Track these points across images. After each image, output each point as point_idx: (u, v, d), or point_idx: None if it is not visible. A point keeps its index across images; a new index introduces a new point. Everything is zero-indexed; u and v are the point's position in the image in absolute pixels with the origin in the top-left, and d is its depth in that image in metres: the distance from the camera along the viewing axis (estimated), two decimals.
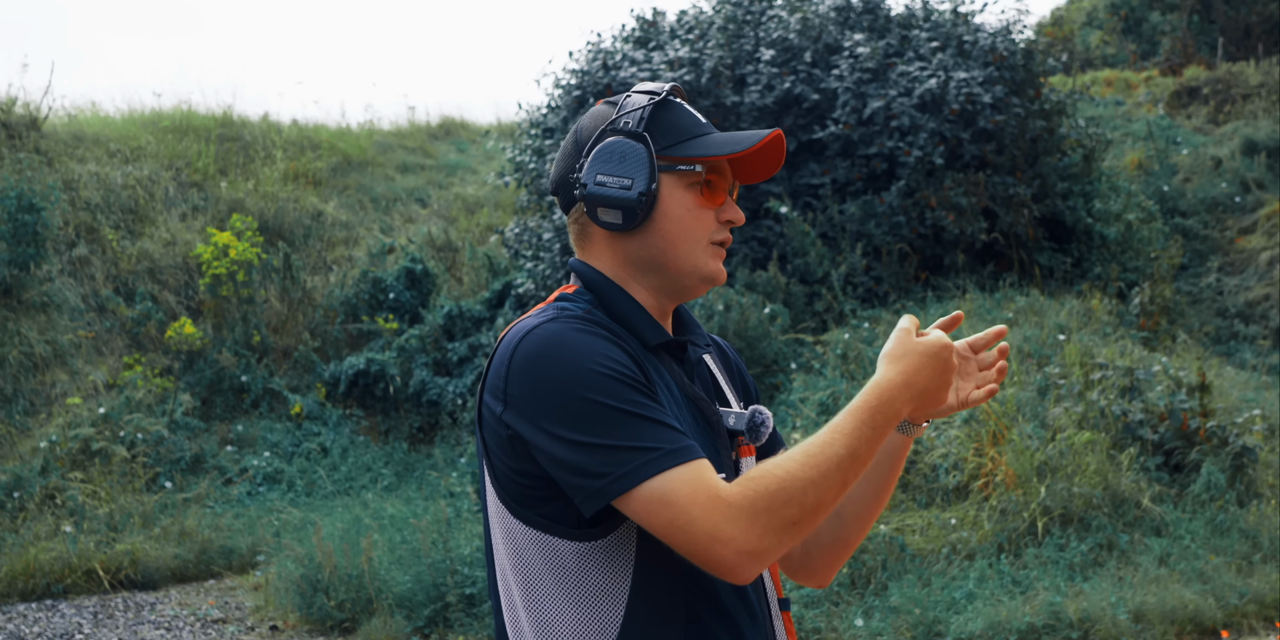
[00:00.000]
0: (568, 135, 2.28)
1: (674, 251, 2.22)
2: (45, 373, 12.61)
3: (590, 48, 13.92)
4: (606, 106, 2.28)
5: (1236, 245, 14.22)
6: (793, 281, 11.83)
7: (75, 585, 9.71)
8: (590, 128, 2.25)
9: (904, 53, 13.01)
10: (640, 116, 2.21)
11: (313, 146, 17.47)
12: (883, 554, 7.65)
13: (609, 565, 2.08)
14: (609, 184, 2.18)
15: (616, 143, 2.20)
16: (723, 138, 2.24)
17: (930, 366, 2.20)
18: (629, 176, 2.17)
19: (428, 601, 8.20)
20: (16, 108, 15.52)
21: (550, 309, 2.17)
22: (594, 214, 2.21)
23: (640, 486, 1.97)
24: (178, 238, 14.63)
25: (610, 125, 2.22)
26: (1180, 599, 7.06)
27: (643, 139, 2.19)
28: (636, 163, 2.18)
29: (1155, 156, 16.08)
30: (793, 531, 2.00)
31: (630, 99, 2.25)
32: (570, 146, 2.27)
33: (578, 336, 2.07)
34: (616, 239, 2.25)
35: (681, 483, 1.97)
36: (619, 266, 2.26)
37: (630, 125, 2.21)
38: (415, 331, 13.18)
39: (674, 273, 2.24)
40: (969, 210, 12.08)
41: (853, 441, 2.06)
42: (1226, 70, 18.85)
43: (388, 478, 11.64)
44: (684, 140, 2.23)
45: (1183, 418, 8.41)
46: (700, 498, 1.96)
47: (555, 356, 2.05)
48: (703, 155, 2.20)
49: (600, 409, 2.00)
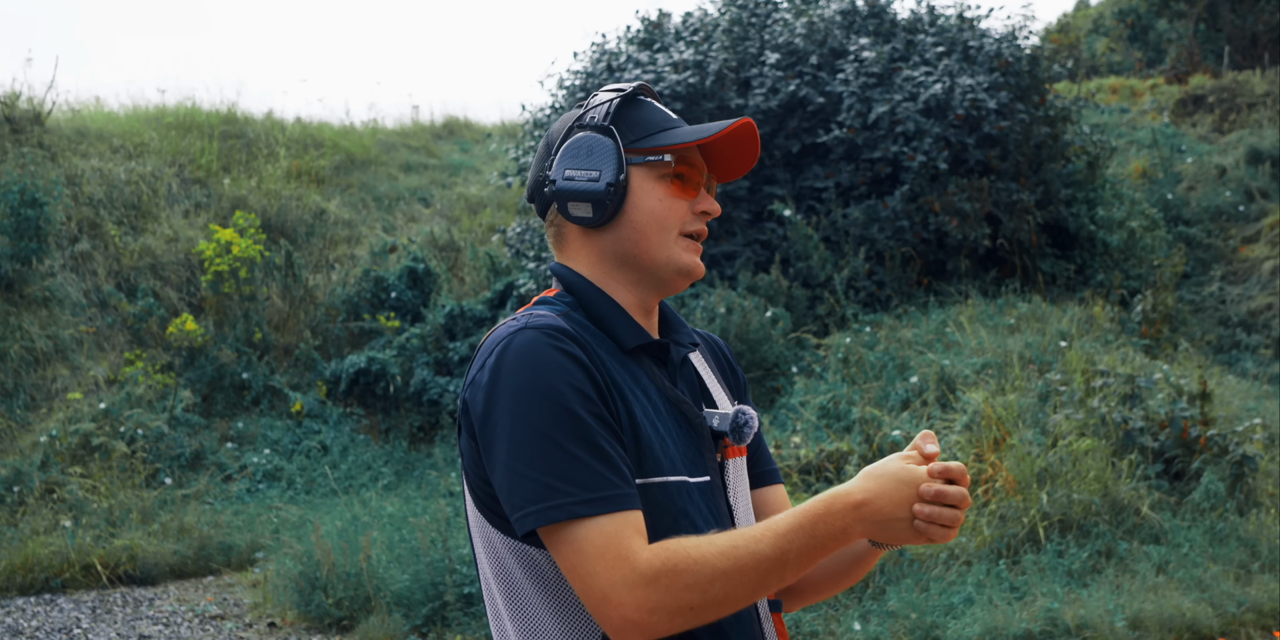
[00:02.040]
0: (540, 143, 2.29)
1: (646, 243, 2.21)
2: (46, 368, 12.61)
3: (595, 49, 13.93)
4: (575, 109, 2.29)
5: (1240, 254, 14.21)
6: (795, 285, 11.84)
7: (74, 580, 9.71)
8: (558, 129, 2.26)
9: (909, 57, 13.02)
10: (606, 111, 2.22)
11: (316, 144, 17.48)
12: (881, 558, 7.65)
13: None
14: (577, 178, 2.18)
15: (583, 138, 2.20)
16: (690, 128, 2.24)
17: (896, 493, 2.03)
18: (596, 168, 2.17)
19: (426, 600, 8.20)
20: (20, 102, 15.52)
21: (524, 315, 2.16)
22: (565, 210, 2.21)
23: (555, 525, 1.98)
24: (180, 234, 14.63)
25: (577, 122, 2.23)
26: (1178, 607, 7.06)
27: (609, 132, 2.20)
28: (603, 155, 2.18)
29: (1159, 164, 16.07)
30: (688, 616, 1.96)
31: (596, 97, 2.26)
32: (541, 150, 2.28)
33: (542, 354, 2.05)
34: (590, 235, 2.24)
35: (597, 533, 1.96)
36: (595, 264, 2.25)
37: (596, 120, 2.21)
38: (416, 331, 13.18)
39: (649, 265, 2.23)
40: (972, 216, 12.08)
41: (783, 544, 1.99)
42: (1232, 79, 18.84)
43: (387, 476, 11.64)
44: (652, 133, 2.23)
45: (1183, 426, 8.41)
46: (608, 554, 1.95)
47: (514, 377, 2.03)
48: (670, 144, 2.20)
49: (541, 441, 1.99)
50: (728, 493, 2.25)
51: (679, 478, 2.13)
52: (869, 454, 8.66)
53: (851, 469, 8.57)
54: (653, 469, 2.09)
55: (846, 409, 9.74)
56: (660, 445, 2.11)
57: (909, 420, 9.39)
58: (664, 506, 2.09)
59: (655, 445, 2.10)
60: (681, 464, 2.14)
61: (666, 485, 2.10)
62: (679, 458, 2.14)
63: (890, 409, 9.74)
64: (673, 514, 2.10)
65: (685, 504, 2.12)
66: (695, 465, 2.17)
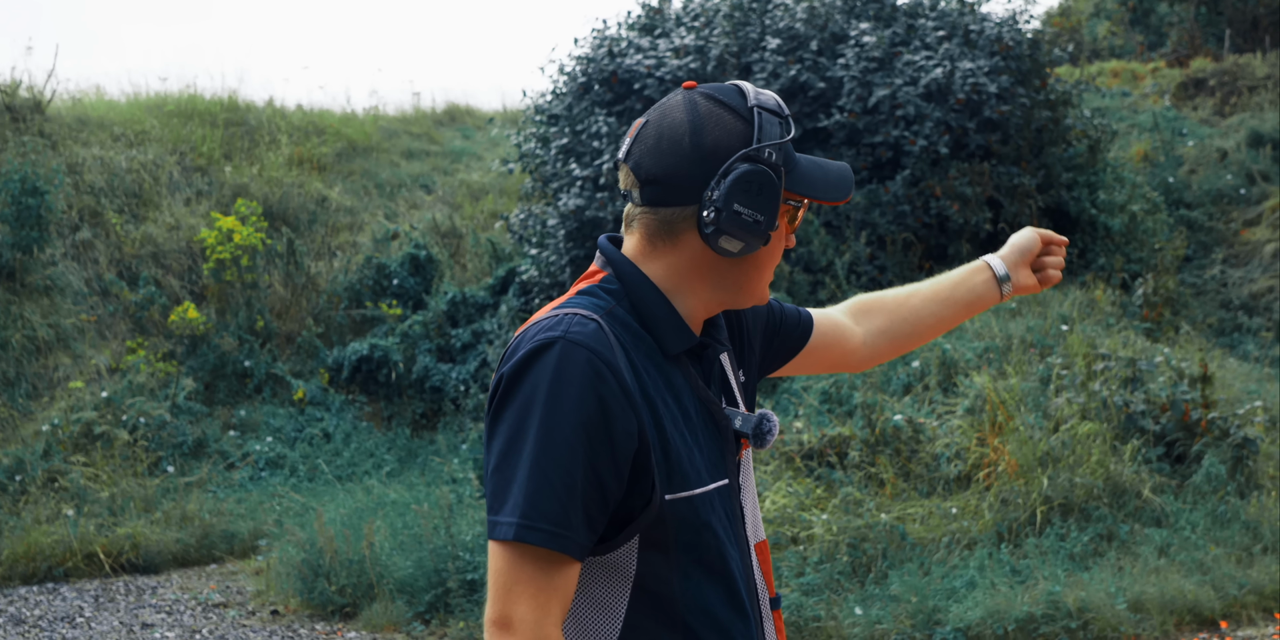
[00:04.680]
0: (674, 128, 2.15)
1: (758, 276, 2.21)
2: (48, 356, 12.62)
3: (596, 35, 13.89)
4: (732, 118, 2.16)
5: (1241, 237, 14.19)
6: (796, 270, 11.82)
7: (76, 569, 9.73)
8: (725, 144, 2.13)
9: (910, 42, 12.99)
10: (781, 150, 2.14)
11: (318, 132, 17.46)
12: (883, 542, 7.65)
13: (608, 581, 2.10)
14: (744, 215, 2.09)
15: (757, 173, 2.10)
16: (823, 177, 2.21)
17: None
18: (762, 212, 2.10)
19: (429, 587, 8.21)
20: (21, 91, 15.51)
21: (566, 315, 2.11)
22: (712, 239, 2.13)
23: (511, 548, 2.01)
24: (182, 222, 14.62)
25: (755, 153, 2.12)
26: (1179, 590, 7.06)
27: (780, 173, 2.14)
28: (770, 198, 2.11)
29: (1161, 148, 16.05)
30: None
31: (766, 120, 2.15)
32: (689, 150, 2.13)
33: (571, 381, 2.03)
34: (712, 260, 2.18)
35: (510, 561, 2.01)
36: (684, 275, 2.19)
37: (774, 158, 2.13)
38: (419, 318, 13.18)
39: (744, 295, 2.23)
40: (973, 200, 12.06)
41: None
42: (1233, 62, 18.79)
43: (390, 463, 11.65)
44: (792, 170, 2.18)
45: (1184, 409, 8.41)
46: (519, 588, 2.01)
47: (533, 393, 2.03)
48: (813, 197, 2.19)
49: (532, 460, 2.00)
50: (742, 494, 2.27)
51: (704, 489, 2.14)
52: (871, 439, 8.66)
53: (854, 454, 8.57)
54: (680, 484, 2.10)
55: (848, 393, 9.74)
56: (689, 457, 2.12)
57: (911, 404, 9.40)
58: (690, 521, 2.11)
59: (684, 459, 2.11)
60: (706, 471, 2.15)
61: (692, 499, 2.11)
62: (703, 465, 2.15)
63: (892, 393, 9.74)
64: (697, 527, 2.11)
65: (709, 516, 2.14)
66: (717, 468, 2.18)
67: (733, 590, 2.16)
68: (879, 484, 8.40)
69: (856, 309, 2.72)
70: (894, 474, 8.40)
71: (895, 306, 2.70)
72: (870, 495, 8.25)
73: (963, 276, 2.71)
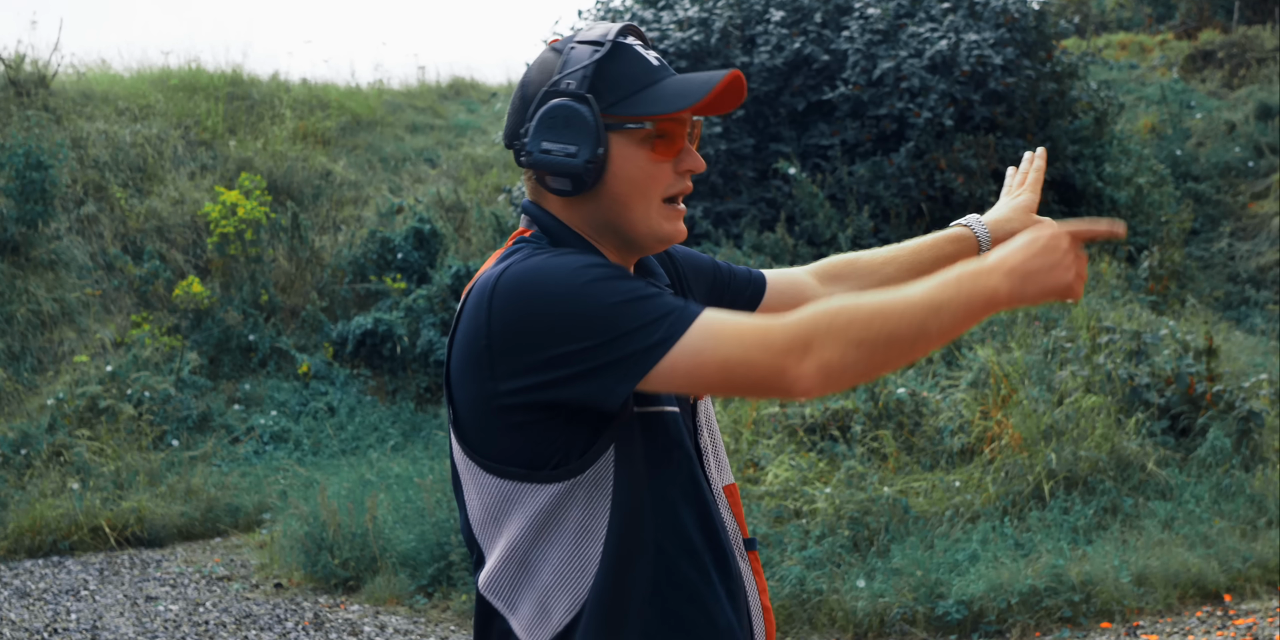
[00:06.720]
0: (516, 87, 2.15)
1: (628, 213, 2.12)
2: (53, 331, 12.62)
3: (599, 7, 13.85)
4: (552, 55, 2.14)
5: (1249, 210, 14.15)
6: (800, 243, 11.80)
7: (81, 542, 9.75)
8: (536, 82, 2.12)
9: (915, 13, 12.93)
10: (583, 75, 2.07)
11: (322, 106, 17.42)
12: (886, 516, 7.65)
13: (589, 503, 2.03)
14: (554, 151, 2.05)
15: (559, 107, 2.06)
16: (674, 88, 2.10)
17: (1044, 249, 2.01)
18: (574, 143, 2.05)
19: (431, 560, 8.22)
20: (25, 65, 15.47)
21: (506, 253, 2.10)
22: (543, 182, 2.12)
23: (680, 342, 1.91)
24: (186, 196, 14.60)
25: (552, 86, 2.09)
26: (1183, 563, 7.05)
27: (586, 101, 2.06)
28: (581, 128, 2.05)
29: (1168, 120, 15.99)
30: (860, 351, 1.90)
31: (574, 52, 2.10)
32: (518, 101, 2.15)
33: (551, 261, 1.99)
34: (570, 201, 2.15)
35: (719, 322, 1.93)
36: (576, 225, 2.16)
37: (573, 86, 2.06)
38: (423, 292, 13.16)
39: (629, 234, 2.14)
40: (978, 172, 12.03)
41: (931, 292, 1.93)
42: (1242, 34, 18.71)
43: (394, 437, 11.65)
44: (632, 93, 2.09)
45: (1189, 382, 8.38)
46: (744, 328, 1.92)
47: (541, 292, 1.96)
48: (651, 113, 2.08)
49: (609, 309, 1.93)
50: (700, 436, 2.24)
51: (670, 408, 2.11)
52: (874, 412, 8.65)
53: (857, 427, 8.56)
54: (652, 399, 2.07)
55: None
56: None
57: (914, 377, 9.38)
58: (661, 437, 2.08)
59: None
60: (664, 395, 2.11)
61: (662, 415, 2.09)
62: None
63: None
64: (668, 445, 2.08)
65: (679, 435, 2.11)
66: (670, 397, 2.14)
67: (705, 516, 2.12)
68: (882, 457, 8.39)
69: (825, 271, 2.64)
70: (897, 447, 8.38)
71: (868, 273, 2.62)
72: (873, 469, 8.23)
73: (942, 248, 2.61)
